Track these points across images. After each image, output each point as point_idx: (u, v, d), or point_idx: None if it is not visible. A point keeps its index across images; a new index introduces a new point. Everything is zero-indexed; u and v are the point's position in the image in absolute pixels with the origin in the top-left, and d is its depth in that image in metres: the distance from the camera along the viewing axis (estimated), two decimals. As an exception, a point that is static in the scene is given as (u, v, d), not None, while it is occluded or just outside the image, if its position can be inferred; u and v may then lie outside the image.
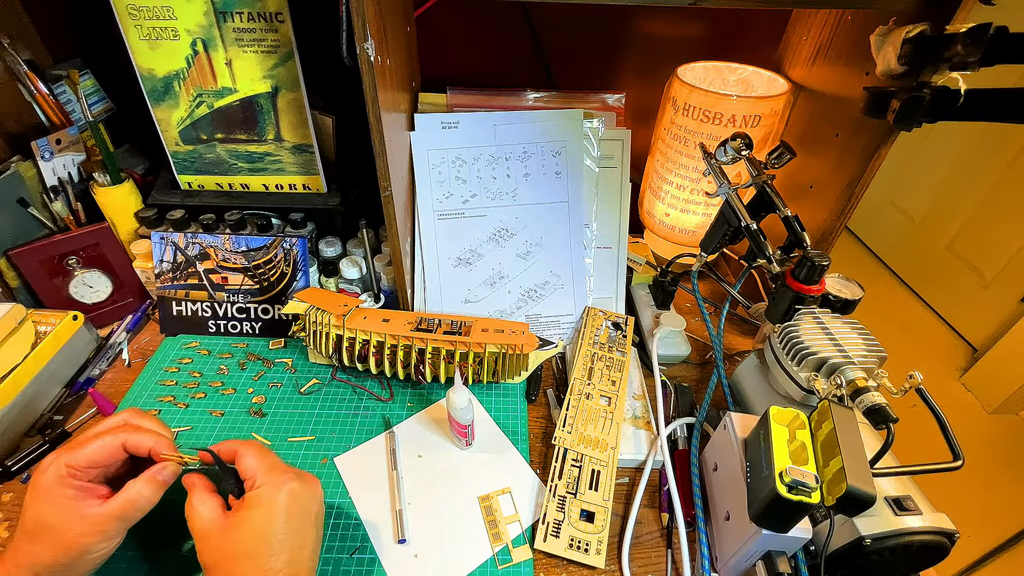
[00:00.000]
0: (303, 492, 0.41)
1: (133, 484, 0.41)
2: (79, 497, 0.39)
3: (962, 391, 1.76)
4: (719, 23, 0.75)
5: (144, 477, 0.41)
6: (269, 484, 0.40)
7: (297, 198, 0.73)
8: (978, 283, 1.84)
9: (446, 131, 0.68)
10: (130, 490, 0.40)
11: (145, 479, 0.41)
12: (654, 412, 0.61)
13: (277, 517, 0.39)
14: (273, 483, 0.40)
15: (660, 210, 0.78)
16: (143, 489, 0.40)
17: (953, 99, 0.46)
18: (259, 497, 0.40)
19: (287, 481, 0.41)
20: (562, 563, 0.50)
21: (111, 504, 0.40)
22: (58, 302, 0.68)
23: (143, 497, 0.40)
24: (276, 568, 0.38)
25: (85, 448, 0.40)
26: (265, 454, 0.43)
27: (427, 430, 0.61)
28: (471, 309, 0.71)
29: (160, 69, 0.63)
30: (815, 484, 0.39)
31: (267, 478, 0.41)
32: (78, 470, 0.40)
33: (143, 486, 0.41)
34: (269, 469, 0.41)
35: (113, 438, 0.41)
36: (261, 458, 0.42)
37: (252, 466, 0.41)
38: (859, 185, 0.58)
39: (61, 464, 0.39)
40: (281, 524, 0.39)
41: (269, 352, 0.69)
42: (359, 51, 0.47)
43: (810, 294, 0.49)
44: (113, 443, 0.41)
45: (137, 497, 0.40)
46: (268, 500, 0.40)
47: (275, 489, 0.40)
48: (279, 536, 0.39)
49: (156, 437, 0.42)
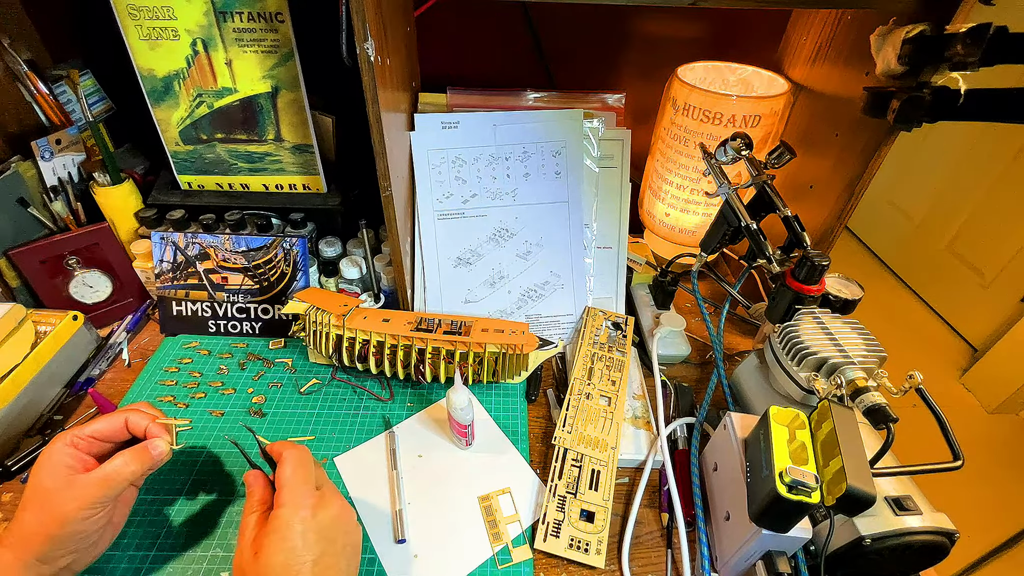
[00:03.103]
0: (326, 519, 0.39)
1: (119, 456, 0.42)
2: (73, 466, 0.41)
3: (962, 391, 1.76)
4: (719, 23, 0.75)
5: (131, 451, 0.42)
6: (289, 505, 0.39)
7: (297, 198, 0.73)
8: (978, 283, 1.84)
9: (446, 131, 0.68)
10: (115, 461, 0.41)
11: (132, 452, 0.42)
12: (654, 412, 0.61)
13: (292, 544, 0.37)
14: (293, 504, 0.39)
15: (660, 210, 0.78)
16: (128, 462, 0.41)
17: (953, 99, 0.46)
18: (278, 519, 0.38)
19: (306, 507, 0.39)
20: (562, 563, 0.50)
21: (95, 472, 0.41)
22: (58, 302, 0.68)
23: (127, 470, 0.41)
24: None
25: (92, 423, 0.43)
26: (299, 466, 0.41)
27: (427, 430, 0.61)
28: (471, 309, 0.71)
29: (160, 69, 0.63)
30: (815, 484, 0.39)
31: (289, 497, 0.39)
32: (81, 439, 0.42)
33: (129, 459, 0.42)
34: (294, 487, 0.40)
35: (119, 416, 0.44)
36: (295, 470, 0.41)
37: (283, 478, 0.40)
38: (859, 185, 0.58)
39: (67, 434, 0.42)
40: (298, 552, 0.37)
41: (269, 352, 0.69)
42: (359, 51, 0.47)
43: (810, 294, 0.49)
44: (117, 420, 0.44)
45: (121, 468, 0.41)
46: (284, 526, 0.38)
47: (293, 512, 0.38)
48: (298, 565, 0.37)
49: (154, 420, 0.45)
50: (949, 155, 1.92)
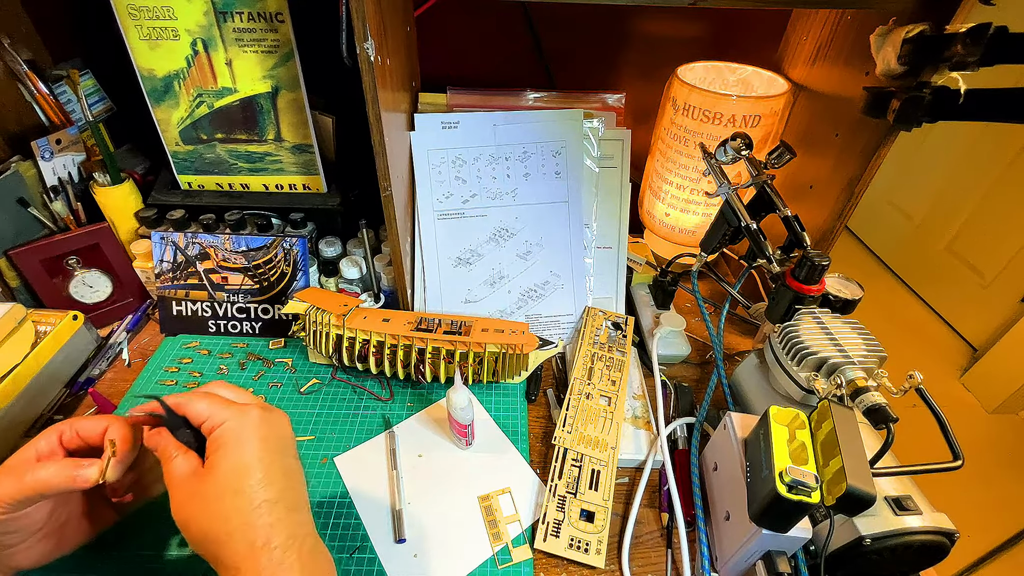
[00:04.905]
0: (273, 418, 0.37)
1: (50, 464, 0.37)
2: (42, 454, 0.37)
3: (962, 391, 1.76)
4: (719, 23, 0.75)
5: (61, 463, 0.37)
6: (232, 417, 0.36)
7: (297, 198, 0.73)
8: (978, 283, 1.84)
9: (446, 131, 0.68)
10: (40, 471, 0.36)
11: (60, 465, 0.37)
12: (654, 412, 0.61)
13: (253, 446, 0.35)
14: (236, 414, 0.36)
15: (660, 210, 0.78)
16: (52, 474, 0.36)
17: (953, 99, 0.46)
18: (226, 432, 0.35)
19: (251, 409, 0.37)
20: (562, 563, 0.50)
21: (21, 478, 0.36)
22: (58, 302, 0.68)
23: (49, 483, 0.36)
24: (270, 499, 0.34)
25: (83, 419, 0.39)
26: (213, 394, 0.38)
27: (427, 430, 0.61)
28: (471, 309, 0.71)
29: (160, 69, 0.63)
30: (815, 484, 0.39)
31: (227, 412, 0.36)
32: (69, 431, 0.38)
33: (54, 471, 0.36)
34: (226, 404, 0.37)
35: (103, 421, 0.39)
36: (212, 398, 0.37)
37: (203, 409, 0.36)
38: (859, 185, 0.58)
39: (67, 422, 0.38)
40: (260, 452, 0.35)
41: (269, 352, 0.69)
42: (359, 51, 0.47)
43: (810, 294, 0.49)
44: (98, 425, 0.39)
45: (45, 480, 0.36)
46: (238, 430, 0.35)
47: (242, 418, 0.36)
48: (264, 465, 0.34)
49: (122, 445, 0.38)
50: (949, 155, 1.91)
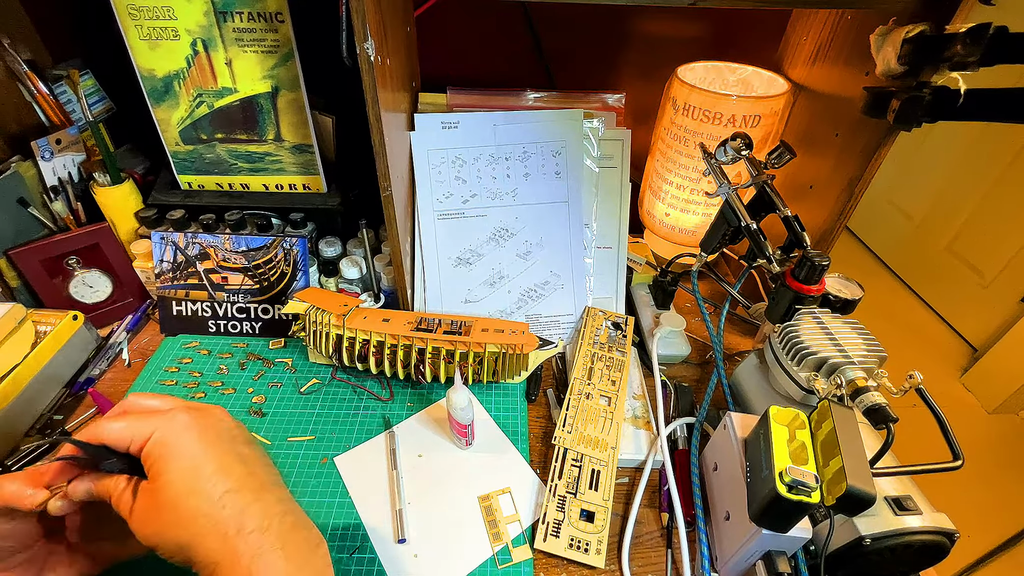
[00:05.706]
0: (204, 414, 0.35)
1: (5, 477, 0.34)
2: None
3: (962, 391, 1.76)
4: (719, 23, 0.75)
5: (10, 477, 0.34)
6: (159, 425, 0.34)
7: (297, 198, 0.73)
8: (978, 283, 1.84)
9: (446, 131, 0.68)
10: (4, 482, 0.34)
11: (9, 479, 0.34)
12: (654, 412, 0.61)
13: (193, 445, 0.33)
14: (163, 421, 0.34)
15: (660, 210, 0.78)
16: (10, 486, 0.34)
17: (953, 99, 0.46)
18: (158, 443, 0.33)
19: (176, 412, 0.34)
20: (562, 563, 0.50)
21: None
22: (58, 302, 0.68)
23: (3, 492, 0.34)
24: (231, 488, 0.32)
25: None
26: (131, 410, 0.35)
27: (427, 430, 0.61)
28: (471, 309, 0.71)
29: (160, 69, 0.63)
30: (815, 484, 0.39)
31: (150, 424, 0.34)
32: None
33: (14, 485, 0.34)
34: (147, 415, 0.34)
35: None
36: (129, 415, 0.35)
37: (122, 431, 0.34)
38: (859, 185, 0.58)
39: None
40: (203, 447, 0.33)
41: (269, 352, 0.69)
42: (359, 51, 0.47)
43: (810, 294, 0.49)
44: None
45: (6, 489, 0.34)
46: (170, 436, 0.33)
47: (170, 423, 0.34)
48: (212, 458, 0.33)
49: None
50: (949, 155, 1.92)
